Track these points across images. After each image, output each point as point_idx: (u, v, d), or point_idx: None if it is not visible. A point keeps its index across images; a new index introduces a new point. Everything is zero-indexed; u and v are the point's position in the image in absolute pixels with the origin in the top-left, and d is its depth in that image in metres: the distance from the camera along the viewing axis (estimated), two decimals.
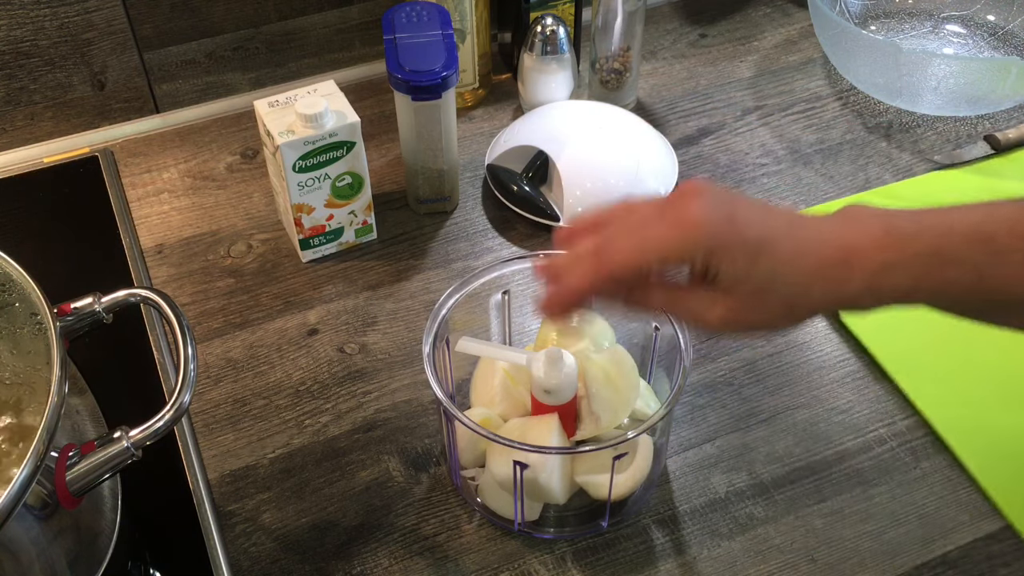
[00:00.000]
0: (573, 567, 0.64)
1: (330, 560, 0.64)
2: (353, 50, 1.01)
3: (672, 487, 0.68)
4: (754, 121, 0.96)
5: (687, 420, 0.72)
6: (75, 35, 0.89)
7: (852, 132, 0.95)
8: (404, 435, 0.71)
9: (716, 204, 0.51)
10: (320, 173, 0.77)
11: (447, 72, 0.77)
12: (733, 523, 0.66)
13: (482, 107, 0.98)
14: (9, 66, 0.89)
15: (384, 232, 0.85)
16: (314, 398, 0.74)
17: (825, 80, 1.01)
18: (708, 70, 1.02)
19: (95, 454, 0.52)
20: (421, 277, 0.82)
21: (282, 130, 0.75)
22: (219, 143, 0.94)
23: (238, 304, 0.80)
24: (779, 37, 1.06)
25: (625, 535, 0.66)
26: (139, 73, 0.94)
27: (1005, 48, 1.01)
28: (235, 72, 0.98)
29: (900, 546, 0.65)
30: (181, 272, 0.82)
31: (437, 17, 0.80)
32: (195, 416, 0.72)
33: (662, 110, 0.97)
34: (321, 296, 0.80)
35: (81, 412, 0.58)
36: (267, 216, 0.87)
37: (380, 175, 0.90)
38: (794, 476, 0.69)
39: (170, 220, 0.87)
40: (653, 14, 1.08)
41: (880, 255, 0.50)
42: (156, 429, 0.53)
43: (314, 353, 0.76)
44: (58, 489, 0.51)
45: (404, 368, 0.75)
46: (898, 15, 1.05)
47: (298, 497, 0.68)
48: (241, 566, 0.64)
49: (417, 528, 0.66)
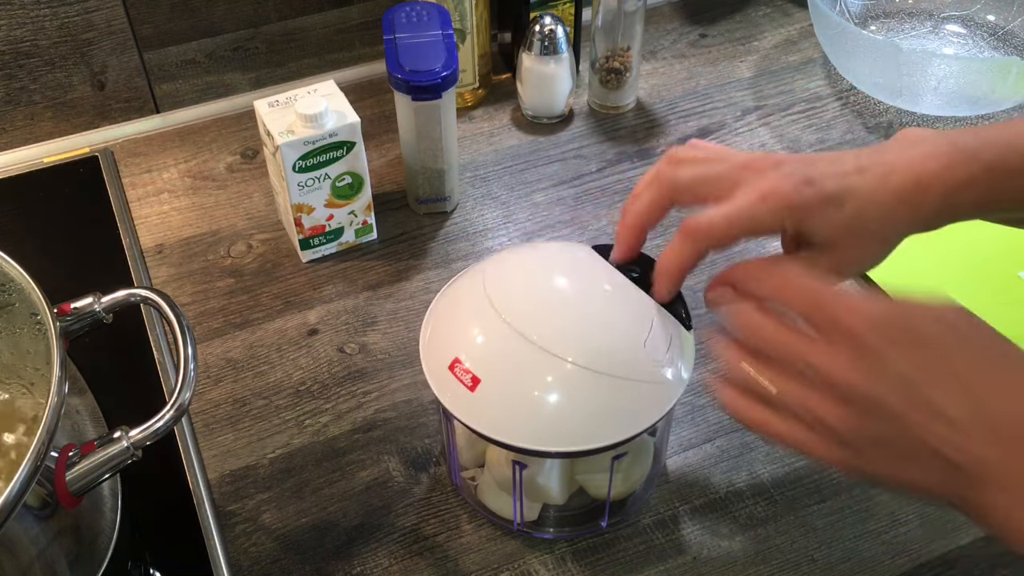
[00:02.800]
0: (573, 567, 0.64)
1: (330, 560, 0.64)
2: (353, 50, 1.01)
3: (672, 487, 0.68)
4: (754, 121, 0.96)
5: (687, 420, 0.72)
6: (75, 35, 0.89)
7: (852, 132, 0.95)
8: (404, 435, 0.71)
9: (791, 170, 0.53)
10: (320, 173, 0.77)
11: (447, 72, 0.77)
12: (733, 523, 0.66)
13: (482, 107, 0.98)
14: (9, 66, 0.89)
15: (384, 232, 0.85)
16: (314, 398, 0.74)
17: (825, 80, 1.01)
18: (708, 70, 1.02)
19: (95, 454, 0.52)
20: (421, 277, 0.82)
21: (282, 130, 0.75)
22: (219, 143, 0.94)
23: (238, 304, 0.80)
24: (779, 37, 1.06)
25: (625, 535, 0.66)
26: (139, 73, 0.94)
27: (1005, 48, 1.01)
28: (235, 72, 0.98)
29: (900, 546, 0.65)
30: (181, 272, 0.82)
31: (437, 17, 0.80)
32: (195, 416, 0.72)
33: (662, 110, 0.97)
34: (321, 296, 0.80)
35: (81, 412, 0.58)
36: (267, 216, 0.87)
37: (380, 175, 0.90)
38: (794, 476, 0.68)
39: (170, 220, 0.87)
40: (653, 14, 1.08)
41: (950, 174, 0.52)
42: (156, 429, 0.53)
43: (314, 353, 0.76)
44: (58, 489, 0.51)
45: (404, 368, 0.75)
46: (898, 15, 1.05)
47: (298, 497, 0.68)
48: (241, 566, 0.64)
49: (417, 528, 0.66)
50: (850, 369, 0.45)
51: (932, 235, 0.82)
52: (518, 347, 0.56)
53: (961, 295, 0.78)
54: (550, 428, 0.56)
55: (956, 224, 0.86)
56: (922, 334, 0.46)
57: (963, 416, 0.43)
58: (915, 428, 0.44)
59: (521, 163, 0.92)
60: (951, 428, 0.43)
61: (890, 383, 0.44)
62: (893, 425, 0.44)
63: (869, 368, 0.45)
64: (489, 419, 0.57)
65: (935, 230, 0.54)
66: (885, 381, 0.44)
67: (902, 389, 0.44)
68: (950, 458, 0.43)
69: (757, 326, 0.50)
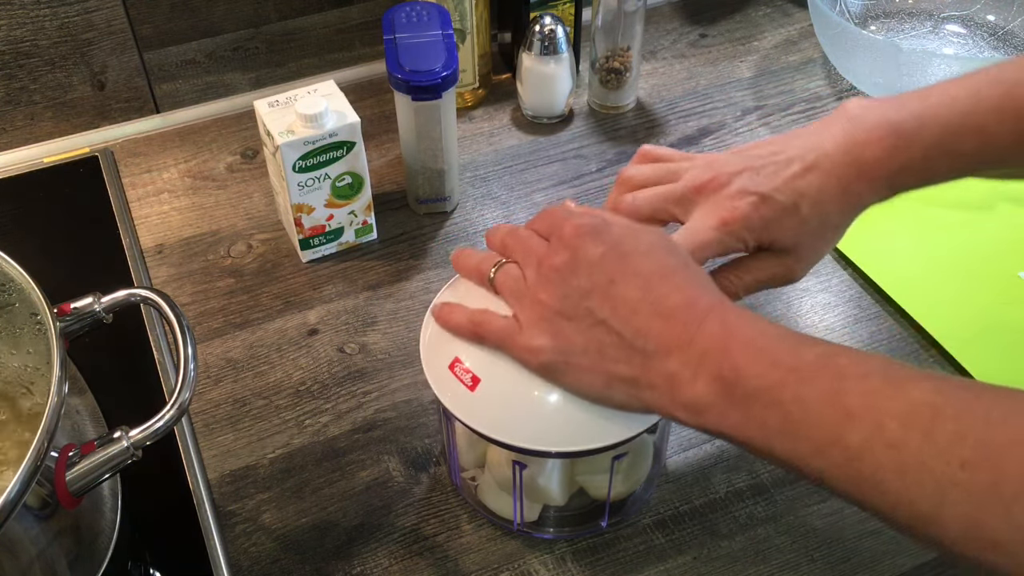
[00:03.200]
0: (573, 567, 0.64)
1: (330, 560, 0.64)
2: (353, 50, 1.01)
3: (672, 487, 0.68)
4: (754, 121, 0.96)
5: None
6: (75, 35, 0.89)
7: None
8: (404, 435, 0.71)
9: (742, 187, 0.58)
10: (320, 173, 0.77)
11: (447, 72, 0.77)
12: (733, 523, 0.66)
13: (482, 107, 0.98)
14: (9, 66, 0.89)
15: (384, 232, 0.85)
16: (314, 398, 0.74)
17: (825, 80, 1.01)
18: (708, 70, 1.02)
19: (95, 454, 0.52)
20: (421, 277, 0.82)
21: (282, 130, 0.75)
22: (219, 143, 0.94)
23: (238, 304, 0.80)
24: (779, 37, 1.06)
25: (625, 535, 0.66)
26: (139, 73, 0.94)
27: (1005, 48, 1.01)
28: (235, 72, 0.98)
29: (900, 546, 0.65)
30: (181, 272, 0.82)
31: (437, 17, 0.80)
32: (195, 416, 0.72)
33: (662, 110, 0.97)
34: (321, 296, 0.80)
35: (81, 412, 0.58)
36: (267, 216, 0.87)
37: (380, 175, 0.90)
38: (794, 476, 0.68)
39: (170, 220, 0.87)
40: (653, 14, 1.08)
41: (891, 161, 0.57)
42: (156, 429, 0.53)
43: (314, 353, 0.76)
44: (58, 489, 0.51)
45: (404, 368, 0.75)
46: (898, 15, 1.05)
47: (298, 497, 0.68)
48: (241, 566, 0.64)
49: (417, 528, 0.66)
50: (557, 257, 0.54)
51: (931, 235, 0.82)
52: None
53: (961, 295, 0.78)
54: (550, 428, 0.56)
55: (956, 224, 0.86)
56: (617, 240, 0.54)
57: (635, 296, 0.52)
58: (597, 301, 0.53)
59: (521, 163, 0.92)
60: (625, 305, 0.52)
61: (585, 268, 0.53)
62: (582, 303, 0.53)
63: (572, 256, 0.54)
64: (489, 419, 0.57)
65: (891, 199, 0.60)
66: (581, 267, 0.53)
67: (591, 272, 0.53)
68: (622, 332, 0.52)
69: (506, 232, 0.59)
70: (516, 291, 0.57)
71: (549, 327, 0.54)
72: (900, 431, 0.44)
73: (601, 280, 0.53)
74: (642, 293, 0.52)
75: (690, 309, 0.51)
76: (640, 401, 0.53)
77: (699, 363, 0.50)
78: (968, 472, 0.41)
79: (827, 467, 0.46)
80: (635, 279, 0.53)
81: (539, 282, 0.55)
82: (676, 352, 0.51)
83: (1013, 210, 0.85)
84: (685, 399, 0.51)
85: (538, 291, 0.55)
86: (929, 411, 0.44)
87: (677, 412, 0.51)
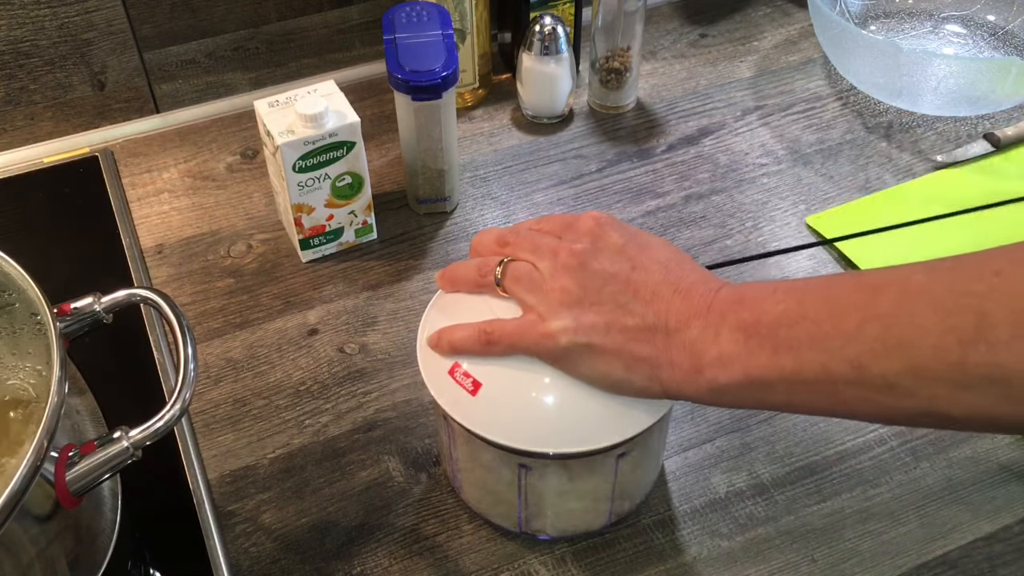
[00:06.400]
0: (573, 567, 0.64)
1: (330, 560, 0.64)
2: (353, 50, 1.01)
3: (672, 487, 0.68)
4: (754, 121, 0.96)
5: (687, 420, 0.72)
6: (75, 35, 0.89)
7: (852, 132, 0.95)
8: (404, 435, 0.71)
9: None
10: (320, 173, 0.77)
11: (447, 72, 0.77)
12: (733, 523, 0.66)
13: (482, 107, 0.98)
14: (9, 66, 0.89)
15: (384, 232, 0.85)
16: (314, 398, 0.74)
17: (825, 80, 1.01)
18: (708, 70, 1.02)
19: (95, 454, 0.52)
20: (421, 277, 0.82)
21: (282, 130, 0.75)
22: (219, 143, 0.94)
23: (238, 304, 0.80)
24: (779, 37, 1.06)
25: (625, 535, 0.66)
26: (139, 73, 0.94)
27: (1005, 48, 1.01)
28: (235, 72, 0.98)
29: (900, 546, 0.65)
30: (181, 272, 0.82)
31: (437, 17, 0.80)
32: (195, 416, 0.72)
33: (662, 110, 0.98)
34: (321, 296, 0.80)
35: (81, 412, 0.58)
36: (267, 216, 0.87)
37: (380, 175, 0.90)
38: (794, 476, 0.69)
39: (170, 220, 0.87)
40: (653, 14, 1.08)
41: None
42: (156, 429, 0.53)
43: (314, 353, 0.76)
44: (58, 489, 0.51)
45: (404, 368, 0.75)
46: (898, 15, 1.05)
47: (298, 497, 0.68)
48: (241, 566, 0.64)
49: (417, 528, 0.66)
50: (577, 244, 0.56)
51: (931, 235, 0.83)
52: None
53: None
54: (551, 429, 0.56)
55: (956, 224, 0.86)
56: (635, 232, 0.57)
57: (656, 279, 0.54)
58: (619, 286, 0.54)
59: (521, 163, 0.92)
60: (646, 288, 0.54)
61: (607, 254, 0.55)
62: (604, 288, 0.54)
63: (593, 243, 0.56)
64: (492, 423, 0.57)
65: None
66: (603, 253, 0.56)
67: (613, 258, 0.55)
68: (644, 315, 0.54)
69: (500, 234, 0.60)
70: (531, 284, 0.57)
71: (570, 312, 0.54)
72: (926, 276, 0.46)
73: (624, 266, 0.55)
74: (662, 276, 0.54)
75: (706, 283, 0.54)
76: (660, 383, 0.54)
77: (720, 321, 0.52)
78: (1003, 278, 0.43)
79: (863, 350, 0.46)
80: (655, 265, 0.55)
81: (558, 270, 0.56)
82: (695, 320, 0.52)
83: (1014, 210, 0.85)
84: (710, 358, 0.51)
85: (557, 279, 0.55)
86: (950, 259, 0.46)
87: (700, 384, 0.52)
